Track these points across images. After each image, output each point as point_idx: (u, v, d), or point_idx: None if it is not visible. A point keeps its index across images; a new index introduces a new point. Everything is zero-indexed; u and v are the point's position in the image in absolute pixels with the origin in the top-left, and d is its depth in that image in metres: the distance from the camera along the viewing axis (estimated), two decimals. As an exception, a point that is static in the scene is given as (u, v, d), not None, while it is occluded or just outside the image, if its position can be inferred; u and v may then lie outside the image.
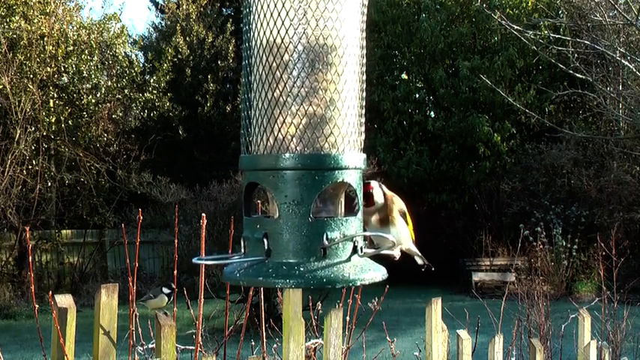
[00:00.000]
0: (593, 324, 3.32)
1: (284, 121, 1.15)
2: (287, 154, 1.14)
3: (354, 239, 1.17)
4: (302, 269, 1.12)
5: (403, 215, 1.51)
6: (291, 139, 1.15)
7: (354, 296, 2.55)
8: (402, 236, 1.50)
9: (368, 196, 1.42)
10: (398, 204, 1.52)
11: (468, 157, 14.01)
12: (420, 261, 1.65)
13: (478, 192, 13.75)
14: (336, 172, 1.15)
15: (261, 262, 1.14)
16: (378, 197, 1.46)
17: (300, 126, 1.15)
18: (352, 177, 1.18)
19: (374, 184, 1.46)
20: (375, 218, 1.46)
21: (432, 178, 13.94)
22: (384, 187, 1.50)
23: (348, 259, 1.16)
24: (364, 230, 1.22)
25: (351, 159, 1.17)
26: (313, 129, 1.15)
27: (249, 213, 1.23)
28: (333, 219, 1.17)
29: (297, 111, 1.15)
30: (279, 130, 1.15)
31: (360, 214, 1.21)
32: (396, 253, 1.42)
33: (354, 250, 1.17)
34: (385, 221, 1.46)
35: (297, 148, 1.15)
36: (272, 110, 1.16)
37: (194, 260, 1.22)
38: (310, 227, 1.13)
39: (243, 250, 1.19)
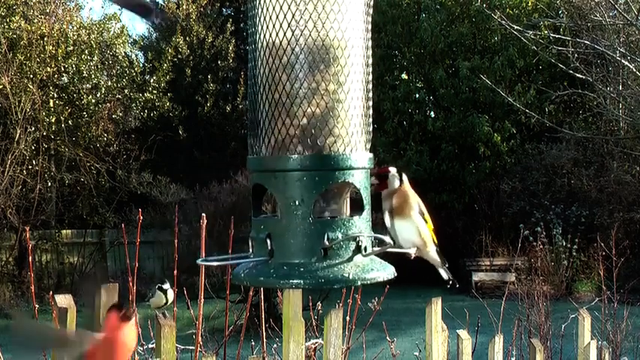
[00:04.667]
0: (593, 324, 3.32)
1: (287, 122, 1.15)
2: (289, 156, 1.14)
3: (358, 239, 1.16)
4: (302, 270, 1.12)
5: (422, 215, 1.48)
6: (294, 140, 1.15)
7: (354, 296, 2.55)
8: (422, 233, 1.45)
9: (382, 179, 1.39)
10: (415, 198, 1.47)
11: (468, 157, 14.01)
12: (445, 275, 1.55)
13: (478, 192, 13.75)
14: (338, 172, 1.15)
15: (264, 263, 1.15)
16: (392, 182, 1.41)
17: (306, 127, 1.15)
18: (357, 177, 1.17)
19: (392, 169, 1.43)
20: (388, 206, 1.41)
21: (432, 178, 13.92)
22: (405, 176, 1.45)
23: (350, 259, 1.15)
24: (372, 229, 1.21)
25: (356, 159, 1.17)
26: (320, 130, 1.15)
27: (257, 214, 1.23)
28: (335, 219, 1.17)
29: (302, 112, 1.15)
30: (282, 132, 1.15)
31: (365, 214, 1.20)
32: (412, 252, 1.41)
33: (357, 250, 1.16)
34: (399, 212, 1.41)
35: (300, 149, 1.15)
36: (277, 111, 1.16)
37: (198, 261, 1.22)
38: (311, 228, 1.13)
39: (250, 250, 1.19)
